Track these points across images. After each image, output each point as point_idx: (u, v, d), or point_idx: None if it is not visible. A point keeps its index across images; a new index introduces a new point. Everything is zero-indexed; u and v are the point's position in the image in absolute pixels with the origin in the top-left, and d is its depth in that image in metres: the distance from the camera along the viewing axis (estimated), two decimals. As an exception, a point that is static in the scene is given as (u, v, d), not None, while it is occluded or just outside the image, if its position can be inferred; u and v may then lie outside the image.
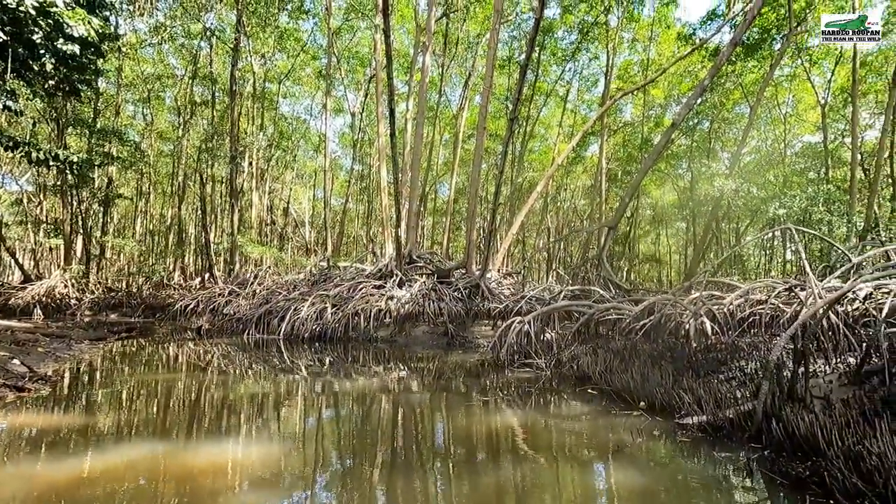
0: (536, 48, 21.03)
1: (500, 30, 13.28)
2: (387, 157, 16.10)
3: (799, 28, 17.77)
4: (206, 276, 19.79)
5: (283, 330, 11.51)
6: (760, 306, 7.93)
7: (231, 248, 19.85)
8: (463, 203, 30.68)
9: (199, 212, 23.02)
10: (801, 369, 3.83)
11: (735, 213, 23.08)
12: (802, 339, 3.94)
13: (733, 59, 18.08)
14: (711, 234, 22.14)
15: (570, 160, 26.74)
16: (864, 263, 8.12)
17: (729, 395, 4.13)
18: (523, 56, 10.67)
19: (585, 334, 8.87)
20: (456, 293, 12.48)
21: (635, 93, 23.38)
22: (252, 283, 16.00)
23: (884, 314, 5.68)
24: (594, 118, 18.43)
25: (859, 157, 17.75)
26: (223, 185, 24.74)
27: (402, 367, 8.14)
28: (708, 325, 7.30)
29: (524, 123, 24.01)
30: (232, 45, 19.91)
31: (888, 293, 6.22)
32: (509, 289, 14.20)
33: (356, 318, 11.73)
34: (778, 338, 6.77)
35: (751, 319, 7.82)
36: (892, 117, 16.89)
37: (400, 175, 12.46)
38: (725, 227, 25.07)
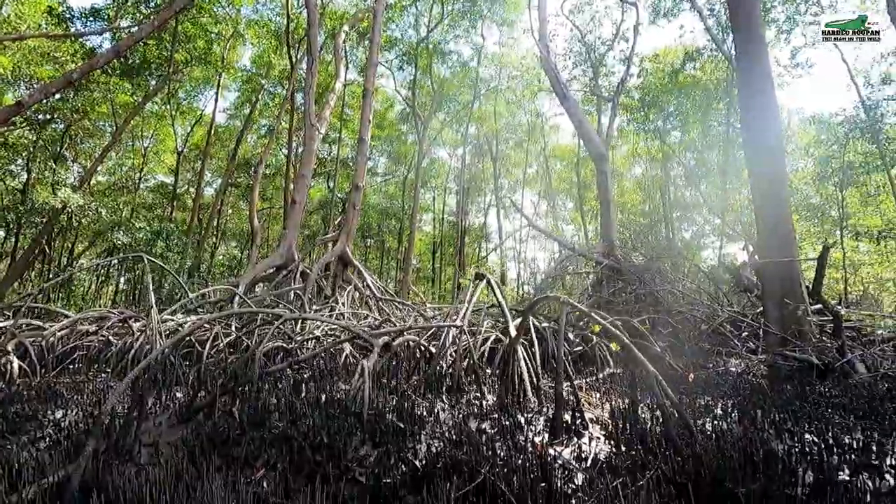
0: None
1: None
2: None
3: (178, 76, 19.25)
4: None
5: None
6: (90, 338, 7.09)
7: None
8: None
9: None
10: (136, 414, 3.47)
11: (74, 232, 20.74)
12: (142, 379, 3.62)
13: (109, 70, 16.94)
14: (46, 252, 18.68)
15: None
16: (193, 299, 9.09)
17: (33, 464, 3.12)
18: None
19: None
20: None
21: (-34, 42, 17.02)
22: None
23: (206, 349, 6.40)
24: None
25: (199, 206, 20.64)
26: None
27: None
28: (16, 364, 5.67)
29: None
30: None
31: (209, 328, 7.12)
32: None
33: None
34: (106, 375, 6.15)
35: (75, 354, 6.79)
36: (227, 181, 21.01)
37: None
38: (58, 245, 21.89)
